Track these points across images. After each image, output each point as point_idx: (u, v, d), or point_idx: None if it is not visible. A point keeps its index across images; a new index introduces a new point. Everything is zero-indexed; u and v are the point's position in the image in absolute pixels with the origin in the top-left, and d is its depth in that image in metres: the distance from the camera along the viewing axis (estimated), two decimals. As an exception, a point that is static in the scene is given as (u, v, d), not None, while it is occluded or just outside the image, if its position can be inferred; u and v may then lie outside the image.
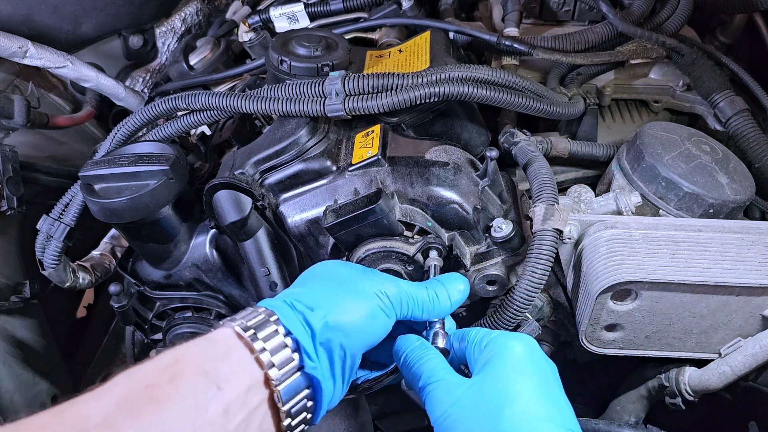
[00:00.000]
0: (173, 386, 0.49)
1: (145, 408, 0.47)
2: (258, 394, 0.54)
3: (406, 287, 0.67)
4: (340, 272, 0.68)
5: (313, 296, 0.62)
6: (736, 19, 1.23)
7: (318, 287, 0.65)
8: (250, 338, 0.55)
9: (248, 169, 0.84)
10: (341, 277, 0.67)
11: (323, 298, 0.62)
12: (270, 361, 0.55)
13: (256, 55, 1.15)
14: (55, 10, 1.08)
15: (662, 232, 0.76)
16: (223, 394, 0.50)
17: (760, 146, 0.92)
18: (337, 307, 0.61)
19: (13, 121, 1.02)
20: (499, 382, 0.59)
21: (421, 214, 0.81)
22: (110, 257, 1.02)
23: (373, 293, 0.65)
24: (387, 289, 0.66)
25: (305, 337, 0.58)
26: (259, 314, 0.58)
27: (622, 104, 1.13)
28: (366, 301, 0.64)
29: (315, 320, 0.59)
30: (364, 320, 0.62)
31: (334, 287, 0.65)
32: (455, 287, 0.71)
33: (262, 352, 0.55)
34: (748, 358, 0.74)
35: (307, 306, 0.60)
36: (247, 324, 0.56)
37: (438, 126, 0.93)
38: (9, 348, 1.10)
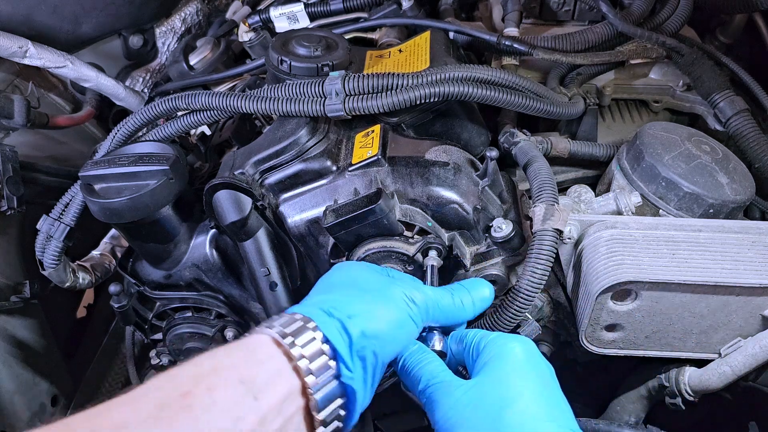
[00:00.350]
0: (210, 396, 0.48)
1: (180, 417, 0.46)
2: (294, 402, 0.53)
3: (431, 294, 0.68)
4: (368, 277, 0.68)
5: (348, 303, 0.61)
6: (736, 19, 1.23)
7: (350, 294, 0.64)
8: (288, 345, 0.54)
9: (248, 169, 0.84)
10: (371, 283, 0.67)
11: (359, 305, 0.61)
12: (308, 368, 0.54)
13: (256, 55, 1.15)
14: (55, 10, 1.08)
15: (662, 232, 0.75)
16: (259, 404, 0.50)
17: (760, 146, 0.92)
18: (373, 316, 0.61)
19: (13, 121, 1.02)
20: (500, 383, 0.59)
21: (421, 214, 0.81)
22: (110, 257, 1.02)
23: (402, 300, 0.64)
24: (415, 296, 0.66)
25: (343, 345, 0.57)
26: (296, 321, 0.57)
27: (622, 104, 1.13)
28: (397, 308, 0.63)
29: (353, 328, 0.58)
30: (396, 329, 0.62)
31: (366, 294, 0.64)
32: (480, 293, 0.72)
33: (300, 359, 0.54)
34: (748, 358, 0.74)
35: (345, 313, 0.59)
36: (285, 331, 0.56)
37: (438, 126, 0.93)
38: (9, 348, 1.10)
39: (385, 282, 0.68)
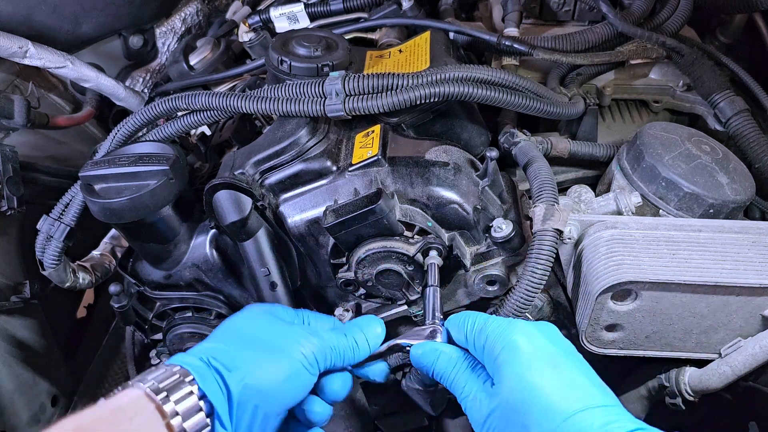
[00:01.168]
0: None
1: None
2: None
3: (328, 339, 0.66)
4: (262, 326, 0.66)
5: (231, 354, 0.59)
6: (736, 19, 1.23)
7: (237, 344, 0.62)
8: (161, 401, 0.52)
9: (248, 169, 0.84)
10: (262, 333, 0.65)
11: (242, 356, 0.59)
12: (181, 426, 0.52)
13: (256, 55, 1.15)
14: (55, 10, 1.08)
15: (662, 232, 0.75)
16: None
17: (760, 146, 0.92)
18: (258, 368, 0.59)
19: (13, 121, 1.02)
20: (517, 383, 0.58)
21: (421, 214, 0.81)
22: (110, 257, 1.02)
23: (296, 351, 0.63)
24: (309, 346, 0.64)
25: (221, 400, 0.56)
26: (173, 374, 0.55)
27: (622, 104, 1.13)
28: (288, 360, 0.62)
29: (233, 382, 0.57)
30: (286, 382, 0.61)
31: (253, 344, 0.62)
32: (372, 331, 0.71)
33: (173, 416, 0.52)
34: (748, 358, 0.74)
35: (224, 365, 0.57)
36: (159, 385, 0.54)
37: (438, 126, 0.93)
38: (9, 348, 1.10)
39: (278, 331, 0.66)
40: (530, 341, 0.61)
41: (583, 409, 0.55)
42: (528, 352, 0.60)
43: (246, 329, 0.66)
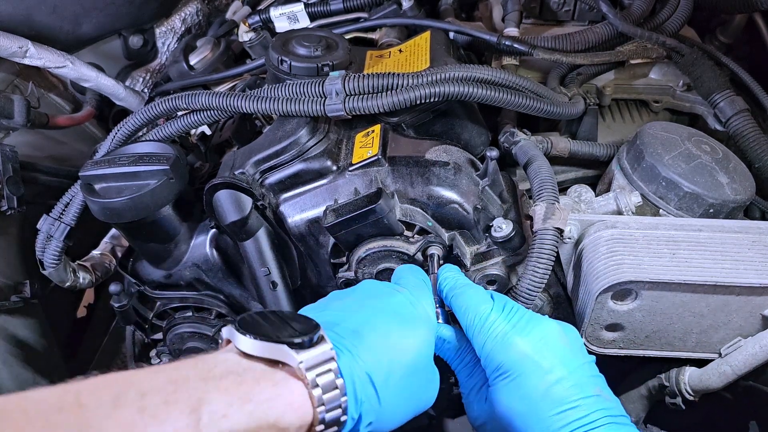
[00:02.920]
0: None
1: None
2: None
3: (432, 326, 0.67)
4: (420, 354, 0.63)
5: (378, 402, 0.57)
6: (736, 19, 1.23)
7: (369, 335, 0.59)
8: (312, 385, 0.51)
9: (248, 168, 0.84)
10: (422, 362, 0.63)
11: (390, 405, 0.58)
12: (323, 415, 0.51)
13: (256, 55, 1.15)
14: (55, 10, 1.08)
15: (662, 231, 0.76)
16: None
17: (760, 146, 0.92)
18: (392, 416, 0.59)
19: (13, 121, 1.02)
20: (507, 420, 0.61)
21: (421, 214, 0.81)
22: (110, 257, 1.02)
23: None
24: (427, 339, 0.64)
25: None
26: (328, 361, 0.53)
27: (622, 104, 1.13)
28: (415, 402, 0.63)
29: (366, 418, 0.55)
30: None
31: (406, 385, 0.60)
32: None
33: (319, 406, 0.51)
34: (749, 358, 0.74)
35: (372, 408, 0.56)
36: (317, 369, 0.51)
37: (438, 126, 0.93)
38: (9, 348, 1.10)
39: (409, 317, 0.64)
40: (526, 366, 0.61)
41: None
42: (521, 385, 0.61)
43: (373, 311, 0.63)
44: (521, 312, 0.66)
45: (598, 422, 0.58)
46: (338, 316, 0.61)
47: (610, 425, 0.58)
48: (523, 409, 0.60)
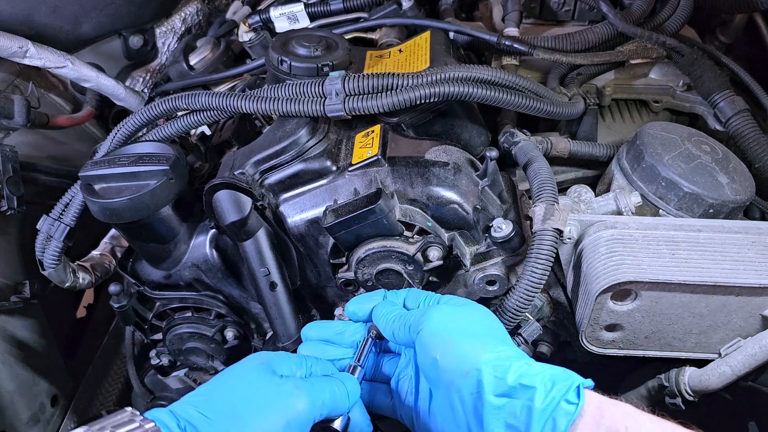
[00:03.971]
0: None
1: None
2: None
3: (320, 390, 0.65)
4: (252, 387, 0.63)
5: (209, 426, 0.57)
6: (736, 19, 1.23)
7: (218, 411, 0.59)
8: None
9: (248, 169, 0.84)
10: (250, 397, 0.62)
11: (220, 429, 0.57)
12: None
13: (256, 55, 1.15)
14: (55, 10, 1.08)
15: (662, 232, 0.75)
16: None
17: (760, 146, 0.92)
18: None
19: (13, 121, 1.02)
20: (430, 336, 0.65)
21: (421, 214, 0.81)
22: (110, 257, 1.02)
23: (285, 412, 0.61)
24: (300, 404, 0.62)
25: None
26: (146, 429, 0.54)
27: (622, 104, 1.13)
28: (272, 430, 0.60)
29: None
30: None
31: (236, 413, 0.60)
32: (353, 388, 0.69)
33: None
34: (748, 358, 0.74)
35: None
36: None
37: (438, 126, 0.93)
38: (9, 348, 1.10)
39: (269, 392, 0.63)
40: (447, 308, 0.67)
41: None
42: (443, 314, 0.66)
43: (234, 391, 0.63)
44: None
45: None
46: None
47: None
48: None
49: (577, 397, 0.54)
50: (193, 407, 0.59)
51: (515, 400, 0.56)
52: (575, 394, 0.55)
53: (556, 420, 0.53)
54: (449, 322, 0.65)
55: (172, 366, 1.07)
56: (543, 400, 0.55)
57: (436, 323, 0.65)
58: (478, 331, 0.64)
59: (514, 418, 0.56)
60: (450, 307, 0.69)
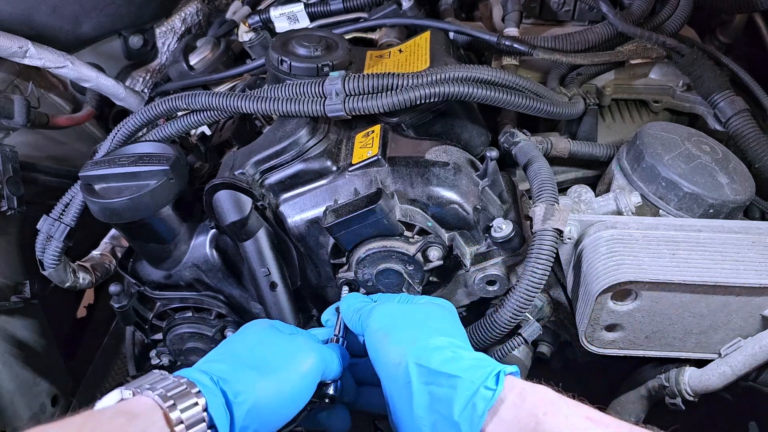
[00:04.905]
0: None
1: None
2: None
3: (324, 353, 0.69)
4: (266, 342, 0.68)
5: (238, 378, 0.61)
6: (736, 19, 1.23)
7: (242, 366, 0.63)
8: (168, 409, 0.54)
9: (248, 169, 0.84)
10: (266, 351, 0.67)
11: (248, 380, 0.61)
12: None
13: (256, 55, 1.15)
14: (55, 10, 1.08)
15: (662, 232, 0.75)
16: None
17: (760, 146, 0.92)
18: (262, 394, 0.61)
19: (13, 121, 1.02)
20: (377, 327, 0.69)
21: (421, 214, 0.81)
22: (110, 257, 1.02)
23: (298, 367, 0.65)
24: (310, 359, 0.66)
25: (224, 423, 0.57)
26: (180, 384, 0.57)
27: (622, 104, 1.13)
28: (289, 380, 0.64)
29: (238, 409, 0.58)
30: (287, 404, 0.63)
31: (258, 366, 0.64)
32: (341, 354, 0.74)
33: (178, 424, 0.54)
34: (748, 358, 0.74)
35: (231, 390, 0.59)
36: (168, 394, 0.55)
37: (438, 126, 0.93)
38: (9, 348, 1.10)
39: (282, 346, 0.68)
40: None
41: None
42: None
43: (251, 348, 0.67)
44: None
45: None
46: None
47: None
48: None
49: (495, 384, 0.57)
50: (220, 363, 0.63)
51: (439, 387, 0.59)
52: (494, 381, 0.57)
53: (476, 404, 0.56)
54: (389, 317, 0.69)
55: (172, 366, 1.07)
56: (464, 387, 0.58)
57: (377, 319, 0.69)
58: (413, 325, 0.67)
59: (439, 403, 0.59)
60: (393, 305, 0.73)
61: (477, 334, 0.81)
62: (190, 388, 0.57)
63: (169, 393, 0.55)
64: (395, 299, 0.77)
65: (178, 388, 0.56)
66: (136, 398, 0.56)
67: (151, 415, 0.54)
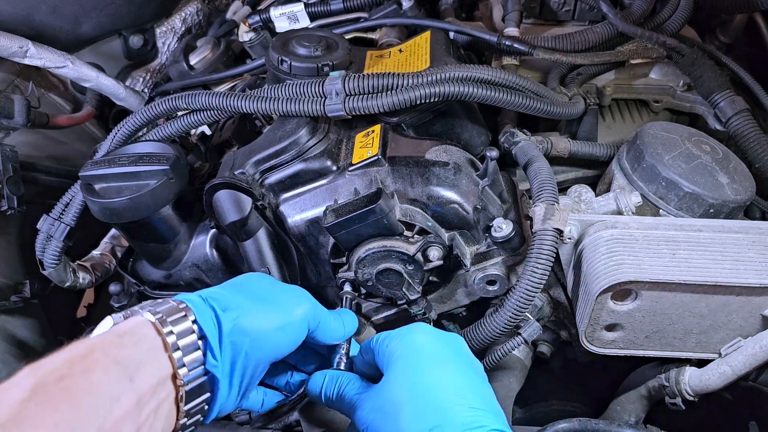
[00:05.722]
0: (87, 378, 0.48)
1: (59, 400, 0.46)
2: (165, 388, 0.54)
3: (320, 307, 0.70)
4: (262, 283, 0.70)
5: (228, 298, 0.63)
6: (736, 19, 1.23)
7: (235, 291, 0.65)
8: (160, 324, 0.56)
9: (248, 168, 0.84)
10: (261, 288, 0.69)
11: (237, 301, 0.63)
12: (181, 360, 0.55)
13: (257, 55, 1.16)
14: (55, 10, 1.08)
15: (662, 232, 0.75)
16: (135, 385, 0.51)
17: (760, 146, 0.92)
18: (250, 313, 0.62)
19: (13, 121, 1.02)
20: (403, 380, 0.61)
21: (421, 214, 0.81)
22: (110, 257, 1.02)
23: (290, 307, 0.66)
24: (303, 306, 0.68)
25: (213, 333, 0.58)
26: (178, 309, 0.58)
27: (623, 104, 1.13)
28: (280, 313, 0.65)
29: (225, 320, 0.60)
30: (275, 332, 0.64)
31: (251, 294, 0.66)
32: (350, 319, 0.74)
33: (175, 350, 0.55)
34: (749, 358, 0.74)
35: (220, 305, 0.61)
36: (163, 315, 0.57)
37: (438, 126, 0.93)
38: (9, 348, 1.10)
39: (277, 288, 0.70)
40: (426, 341, 0.64)
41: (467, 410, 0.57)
42: (418, 350, 0.63)
43: (247, 284, 0.69)
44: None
45: None
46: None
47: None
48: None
49: None
50: (209, 288, 0.65)
51: None
52: None
53: None
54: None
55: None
56: None
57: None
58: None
59: None
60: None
61: (477, 334, 0.81)
62: (179, 305, 0.58)
63: (158, 309, 0.57)
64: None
65: (167, 305, 0.58)
66: (127, 320, 0.57)
67: (141, 329, 0.55)
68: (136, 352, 0.53)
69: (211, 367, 0.57)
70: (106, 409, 0.48)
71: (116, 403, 0.49)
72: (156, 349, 0.55)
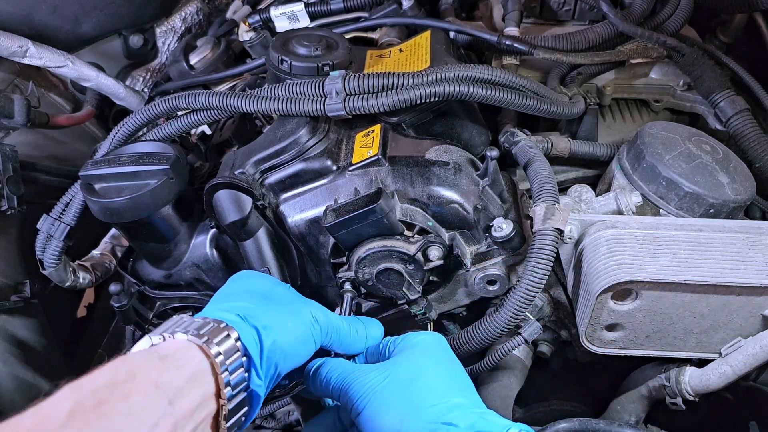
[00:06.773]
0: (126, 404, 0.48)
1: (97, 427, 0.46)
2: (206, 408, 0.54)
3: (333, 318, 0.71)
4: (276, 290, 0.71)
5: (263, 315, 0.63)
6: (737, 19, 1.23)
7: (263, 304, 0.65)
8: (205, 344, 0.55)
9: (248, 168, 0.84)
10: (280, 296, 0.70)
11: (272, 316, 0.63)
12: (227, 378, 0.56)
13: (257, 54, 1.15)
14: (55, 9, 1.08)
15: (663, 231, 0.75)
16: (174, 410, 0.50)
17: (760, 146, 0.92)
18: (284, 329, 0.63)
19: (13, 121, 1.02)
20: (408, 363, 0.66)
21: (421, 214, 0.81)
22: (110, 257, 1.02)
23: (309, 318, 0.68)
24: (319, 317, 0.69)
25: (256, 352, 0.59)
26: (209, 323, 0.58)
27: (623, 104, 1.13)
28: (303, 325, 0.66)
29: (266, 338, 0.60)
30: (300, 345, 0.65)
31: (277, 306, 0.66)
32: (374, 331, 0.75)
33: (223, 371, 0.55)
34: (749, 358, 0.74)
35: (260, 323, 0.61)
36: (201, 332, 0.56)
37: (438, 126, 0.93)
38: (9, 348, 1.10)
39: (292, 296, 0.71)
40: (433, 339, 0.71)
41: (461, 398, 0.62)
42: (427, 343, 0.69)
43: (263, 291, 0.70)
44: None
45: None
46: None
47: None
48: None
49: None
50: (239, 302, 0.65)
51: None
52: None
53: None
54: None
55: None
56: None
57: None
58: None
59: None
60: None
61: (477, 333, 0.81)
62: (219, 324, 0.58)
63: (202, 331, 0.57)
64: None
65: (208, 326, 0.58)
66: (168, 341, 0.57)
67: (186, 352, 0.55)
68: (177, 377, 0.52)
69: (255, 386, 0.58)
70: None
71: (155, 428, 0.48)
72: (202, 371, 0.54)
